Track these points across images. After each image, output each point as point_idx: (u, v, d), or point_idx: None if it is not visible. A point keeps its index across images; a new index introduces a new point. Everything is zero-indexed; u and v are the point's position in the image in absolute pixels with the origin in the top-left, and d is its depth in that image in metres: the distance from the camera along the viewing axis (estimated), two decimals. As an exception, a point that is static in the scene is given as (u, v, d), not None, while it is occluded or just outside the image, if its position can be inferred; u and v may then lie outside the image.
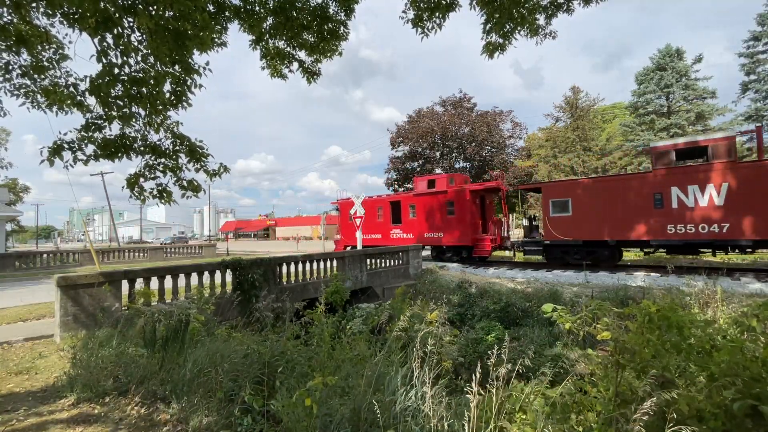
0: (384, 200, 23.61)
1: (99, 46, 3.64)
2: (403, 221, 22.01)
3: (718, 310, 7.08)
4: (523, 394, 2.75)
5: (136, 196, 4.38)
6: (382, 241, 22.87)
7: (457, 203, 19.55)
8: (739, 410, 1.96)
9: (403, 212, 22.16)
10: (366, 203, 23.16)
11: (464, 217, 19.30)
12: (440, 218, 20.11)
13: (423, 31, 5.48)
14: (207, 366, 4.11)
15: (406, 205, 22.05)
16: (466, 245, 19.21)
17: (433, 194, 20.56)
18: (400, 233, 22.26)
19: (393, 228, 22.45)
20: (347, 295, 10.93)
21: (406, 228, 21.99)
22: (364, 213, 21.95)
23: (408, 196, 22.31)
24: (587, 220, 15.48)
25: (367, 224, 22.92)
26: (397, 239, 22.31)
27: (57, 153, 3.83)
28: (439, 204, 20.27)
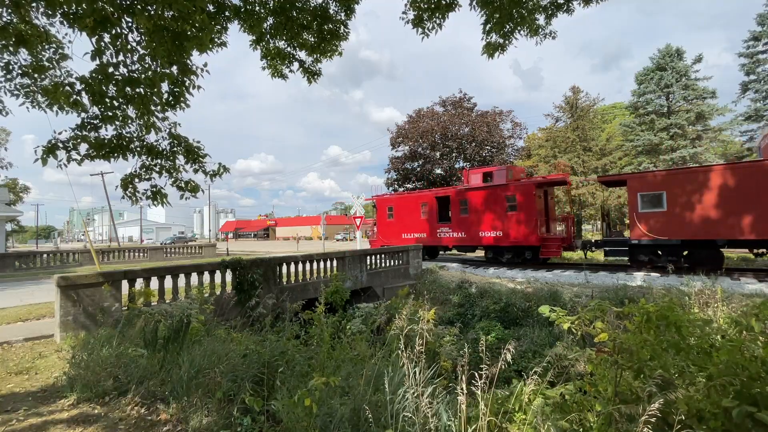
0: (428, 195, 21.09)
1: (96, 46, 3.64)
2: (453, 219, 19.62)
3: (717, 310, 7.08)
4: (523, 394, 2.75)
5: (128, 196, 4.37)
6: (427, 240, 20.53)
7: (520, 198, 17.25)
8: (738, 416, 1.96)
9: (452, 209, 19.76)
10: (406, 199, 21.98)
11: (529, 214, 16.93)
12: (499, 215, 17.78)
13: (423, 32, 5.49)
14: (206, 366, 4.11)
15: (456, 200, 19.50)
16: (532, 245, 16.99)
17: (490, 188, 18.22)
18: (448, 232, 19.78)
19: (440, 226, 20.08)
20: (347, 295, 10.93)
21: (456, 226, 19.45)
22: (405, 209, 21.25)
23: (459, 190, 19.69)
24: (687, 216, 13.17)
25: (408, 222, 21.41)
26: (445, 239, 20.01)
27: (51, 152, 3.82)
28: (497, 199, 17.92)
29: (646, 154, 32.52)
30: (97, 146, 3.99)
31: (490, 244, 18.40)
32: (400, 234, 21.55)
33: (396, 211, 22.03)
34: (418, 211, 21.00)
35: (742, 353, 2.36)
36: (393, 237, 21.95)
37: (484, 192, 18.51)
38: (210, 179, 4.73)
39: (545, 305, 3.18)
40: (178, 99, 4.28)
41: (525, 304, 11.45)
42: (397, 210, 21.99)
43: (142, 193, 4.47)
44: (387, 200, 22.84)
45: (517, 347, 9.44)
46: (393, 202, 22.48)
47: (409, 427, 2.37)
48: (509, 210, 17.54)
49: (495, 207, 18.00)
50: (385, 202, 22.73)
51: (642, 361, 2.42)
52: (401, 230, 21.60)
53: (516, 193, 17.44)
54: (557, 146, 39.34)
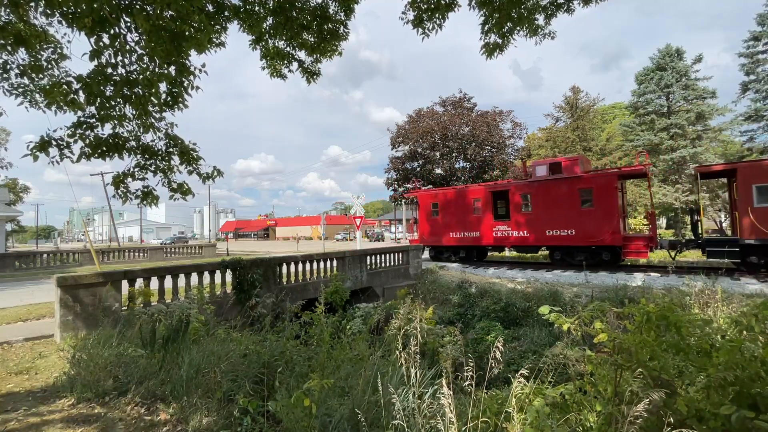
0: (481, 190, 18.78)
1: (95, 46, 3.64)
2: (512, 216, 17.54)
3: (718, 310, 7.07)
4: (523, 394, 2.75)
5: (120, 195, 4.38)
6: (481, 240, 18.55)
7: (597, 191, 15.19)
8: (737, 421, 1.96)
9: (512, 204, 17.61)
10: (453, 193, 19.64)
11: (609, 210, 14.92)
12: (571, 211, 15.71)
13: (423, 32, 5.49)
14: (206, 366, 4.11)
15: (516, 195, 17.36)
16: (612, 245, 15.02)
17: (559, 181, 16.14)
18: (506, 230, 17.65)
19: (496, 224, 17.99)
20: (347, 295, 10.93)
21: (516, 224, 17.33)
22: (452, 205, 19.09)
23: (520, 183, 17.71)
24: None
25: (456, 220, 19.16)
26: (502, 238, 17.85)
27: (43, 148, 3.80)
28: (569, 193, 15.83)
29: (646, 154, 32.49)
30: (93, 145, 3.98)
31: (559, 245, 16.30)
32: (446, 233, 19.53)
33: (442, 207, 19.79)
34: (469, 208, 18.76)
35: (741, 353, 2.36)
36: (438, 236, 19.90)
37: (553, 185, 16.26)
38: (203, 182, 4.73)
39: (545, 305, 3.18)
40: (176, 99, 4.28)
41: (525, 304, 11.45)
42: (443, 206, 19.73)
43: (133, 192, 4.47)
44: (431, 195, 20.59)
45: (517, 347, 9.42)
46: (438, 197, 20.21)
47: (408, 428, 2.37)
48: (584, 205, 15.46)
49: (566, 202, 15.81)
50: (429, 198, 20.48)
51: (641, 361, 2.42)
52: (448, 229, 19.45)
53: (593, 186, 15.29)
54: (557, 146, 39.34)
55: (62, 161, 3.95)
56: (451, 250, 20.03)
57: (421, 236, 20.76)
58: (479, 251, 19.90)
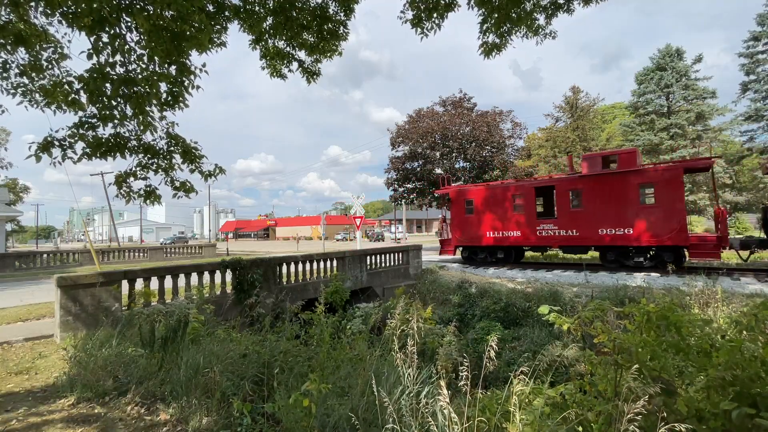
0: (523, 185, 17.43)
1: (94, 45, 3.64)
2: (559, 213, 16.21)
3: (718, 310, 7.08)
4: (522, 394, 2.75)
5: (122, 195, 4.38)
6: (523, 240, 17.21)
7: (660, 186, 13.85)
8: (738, 418, 1.96)
9: (558, 201, 16.34)
10: (492, 190, 18.28)
11: (673, 207, 13.60)
12: (628, 208, 14.43)
13: (422, 31, 5.49)
14: (206, 366, 4.11)
15: (564, 191, 16.02)
16: (677, 245, 13.70)
17: (615, 175, 14.81)
18: (553, 230, 16.22)
19: (540, 223, 16.64)
20: (347, 295, 10.94)
21: (564, 222, 15.91)
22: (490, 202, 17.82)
23: (568, 178, 16.21)
24: None
25: (495, 218, 17.82)
26: (546, 237, 16.44)
27: (46, 149, 3.82)
28: (626, 188, 14.53)
29: (646, 154, 32.51)
30: (94, 145, 3.98)
31: (613, 245, 14.97)
32: (483, 232, 18.18)
33: (478, 204, 18.40)
34: (509, 205, 17.38)
35: (741, 353, 2.36)
36: (474, 236, 18.50)
37: (607, 180, 14.95)
38: (205, 180, 4.74)
39: (545, 305, 3.18)
40: (176, 99, 4.28)
41: (525, 304, 11.45)
42: (480, 203, 18.34)
43: (136, 192, 4.47)
44: (466, 191, 19.13)
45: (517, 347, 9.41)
46: (474, 193, 18.76)
47: (406, 428, 2.37)
48: (644, 201, 14.24)
49: (623, 198, 14.57)
50: (464, 194, 19.01)
51: (642, 361, 2.42)
52: (485, 228, 18.08)
53: (655, 181, 13.96)
54: (557, 146, 39.38)
55: (64, 162, 3.96)
56: (487, 251, 18.75)
57: (454, 236, 19.30)
58: (519, 252, 18.64)
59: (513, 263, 18.28)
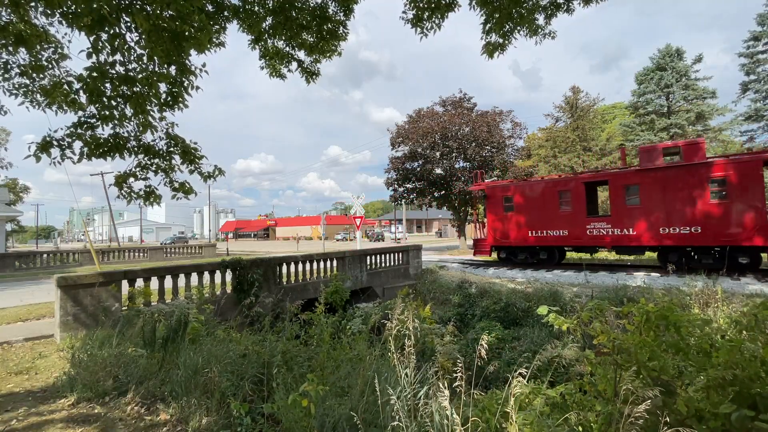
0: (571, 180, 16.11)
1: (93, 45, 3.64)
2: (613, 211, 14.95)
3: (718, 310, 7.08)
4: (522, 393, 2.75)
5: (123, 195, 4.39)
6: (571, 240, 15.92)
7: (734, 180, 12.61)
8: (737, 420, 1.96)
9: (612, 198, 15.03)
10: (534, 186, 17.20)
11: (752, 202, 12.35)
12: (697, 205, 13.23)
13: (422, 31, 5.49)
14: (205, 366, 4.11)
15: (619, 186, 14.81)
16: (759, 245, 12.37)
17: (680, 168, 13.58)
18: (605, 228, 14.96)
19: (591, 221, 15.37)
20: (347, 295, 10.93)
21: (618, 221, 14.68)
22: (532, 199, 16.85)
23: (625, 172, 14.94)
24: None
25: (538, 216, 16.68)
26: (598, 237, 15.11)
27: (45, 149, 3.82)
28: (694, 183, 13.29)
29: (646, 153, 32.54)
30: (94, 145, 3.99)
31: (678, 244, 13.68)
32: (525, 231, 17.07)
33: (518, 201, 17.32)
34: (554, 202, 16.18)
35: (741, 353, 2.36)
36: (514, 235, 17.39)
37: (671, 173, 13.70)
38: (205, 181, 4.74)
39: (544, 306, 3.18)
40: (176, 99, 4.28)
41: (525, 304, 11.45)
42: (521, 200, 17.28)
43: (136, 192, 4.48)
44: (504, 188, 17.99)
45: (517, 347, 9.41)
46: (513, 190, 17.63)
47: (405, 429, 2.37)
48: (715, 197, 13.00)
49: (690, 193, 13.36)
50: (501, 191, 17.87)
51: (641, 361, 2.42)
52: (527, 227, 16.99)
53: (729, 174, 12.70)
54: (557, 146, 39.34)
55: (63, 161, 3.96)
56: (527, 252, 17.63)
57: (489, 235, 18.11)
58: (562, 253, 17.42)
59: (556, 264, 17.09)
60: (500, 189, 18.06)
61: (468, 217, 29.99)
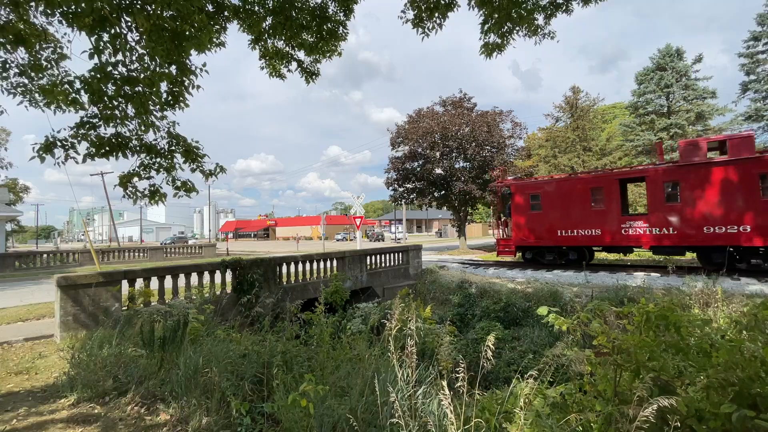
0: (603, 177, 15.37)
1: (95, 45, 3.64)
2: (651, 209, 14.16)
3: (718, 310, 7.08)
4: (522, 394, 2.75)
5: (129, 195, 4.39)
6: (604, 240, 15.12)
7: None
8: (738, 421, 1.96)
9: (650, 195, 14.28)
10: (564, 183, 16.37)
11: None
12: (745, 202, 12.52)
13: (423, 31, 5.49)
14: (205, 366, 4.11)
15: (658, 183, 13.99)
16: None
17: (724, 164, 12.92)
18: (643, 227, 14.18)
19: (627, 220, 14.60)
20: (347, 295, 10.94)
21: (657, 219, 13.89)
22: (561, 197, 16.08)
23: (664, 168, 14.04)
24: None
25: (568, 215, 15.85)
26: (634, 236, 14.38)
27: (48, 150, 3.83)
28: (742, 179, 12.57)
29: (646, 154, 32.52)
30: (96, 145, 3.99)
31: (724, 244, 13.01)
32: (553, 230, 16.27)
33: (547, 199, 16.52)
34: (586, 200, 15.40)
35: (741, 353, 2.36)
36: (541, 235, 16.65)
37: (716, 169, 13.00)
38: (207, 179, 4.75)
39: (544, 306, 3.18)
40: (177, 99, 4.29)
41: (525, 304, 11.45)
42: (549, 198, 16.46)
43: (141, 192, 4.49)
44: (531, 186, 17.25)
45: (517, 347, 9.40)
46: (541, 187, 16.86)
47: (404, 429, 2.37)
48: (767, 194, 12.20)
49: (738, 190, 12.60)
50: (527, 188, 17.13)
51: (641, 361, 2.42)
52: (556, 225, 16.17)
53: None
54: (557, 146, 39.32)
55: (66, 162, 3.96)
56: (556, 252, 16.86)
57: (514, 235, 17.25)
58: (592, 253, 16.73)
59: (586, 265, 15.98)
60: (527, 186, 17.25)
61: (468, 217, 29.98)
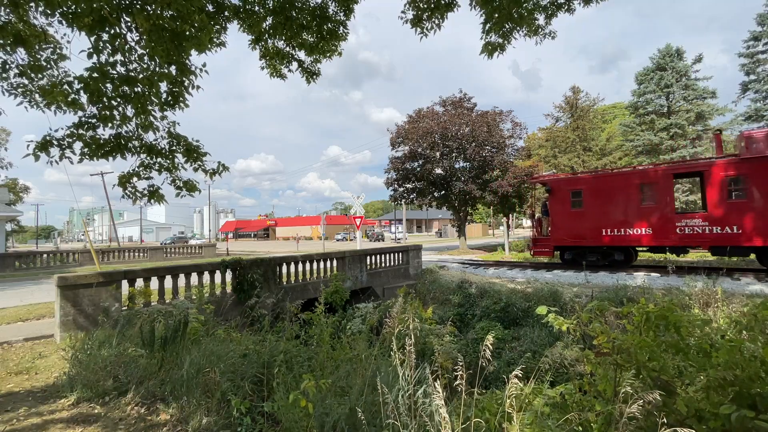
0: (656, 171, 14.17)
1: (94, 45, 3.64)
2: (710, 206, 13.07)
3: (718, 310, 7.08)
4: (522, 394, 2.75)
5: (128, 195, 4.39)
6: (655, 239, 13.98)
7: None
8: (737, 421, 1.96)
9: (709, 190, 13.18)
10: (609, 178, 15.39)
11: None
12: None
13: (422, 31, 5.49)
14: (206, 366, 4.11)
15: (720, 178, 12.85)
16: None
17: None
18: (701, 226, 13.07)
19: (682, 218, 13.53)
20: (347, 295, 10.94)
21: (718, 217, 12.82)
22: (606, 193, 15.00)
23: (727, 161, 12.90)
24: None
25: (614, 213, 14.80)
26: (691, 236, 13.25)
27: (44, 148, 3.82)
28: None
29: (646, 154, 32.52)
30: (94, 146, 3.99)
31: None
32: (597, 229, 15.13)
33: (590, 196, 15.38)
34: (635, 197, 14.33)
35: (741, 353, 2.36)
36: (582, 233, 15.50)
37: None
38: (210, 178, 4.75)
39: (543, 306, 3.18)
40: (177, 99, 4.28)
41: (525, 304, 11.45)
42: (592, 195, 15.34)
43: (140, 191, 4.48)
44: (571, 181, 16.10)
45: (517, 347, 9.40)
46: (584, 182, 15.75)
47: (404, 428, 2.37)
48: None
49: None
50: (568, 184, 15.95)
51: (640, 361, 2.42)
52: (600, 224, 15.06)
53: None
54: (557, 146, 39.35)
55: (62, 161, 3.96)
56: (599, 253, 15.75)
57: (553, 235, 16.10)
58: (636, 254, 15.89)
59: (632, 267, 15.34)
60: (568, 182, 16.14)
61: (468, 218, 29.97)
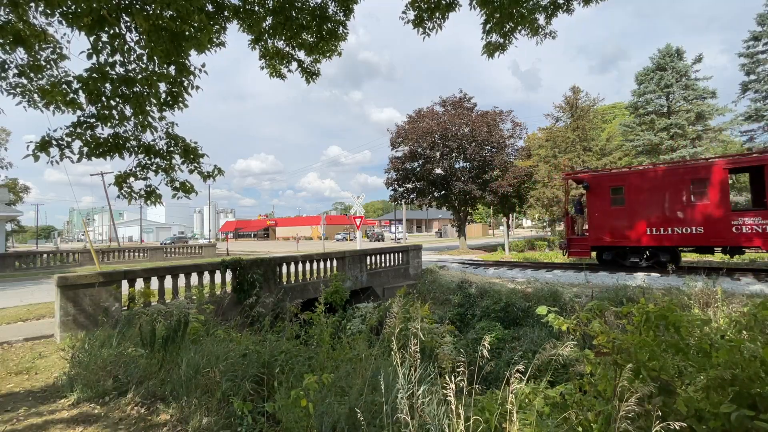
0: (709, 165, 13.18)
1: (93, 45, 3.64)
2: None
3: (718, 310, 7.08)
4: (522, 393, 2.75)
5: (124, 195, 4.39)
6: (708, 239, 13.04)
7: None
8: (737, 420, 1.96)
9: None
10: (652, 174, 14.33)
11: None
12: None
13: (424, 31, 5.49)
14: (206, 366, 4.11)
15: None
16: None
17: None
18: (760, 225, 12.06)
19: (737, 216, 12.52)
20: (347, 295, 10.94)
21: None
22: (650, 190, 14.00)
23: None
24: None
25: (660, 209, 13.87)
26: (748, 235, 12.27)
27: (43, 148, 3.83)
28: None
29: (646, 154, 32.51)
30: (93, 145, 3.99)
31: None
32: (641, 229, 14.19)
33: (632, 193, 14.43)
34: (684, 193, 13.37)
35: (741, 353, 2.36)
36: (624, 232, 14.57)
37: None
38: (204, 180, 4.75)
39: (543, 306, 3.18)
40: (176, 99, 4.28)
41: (525, 304, 11.45)
42: (635, 192, 14.36)
43: (137, 192, 4.48)
44: (612, 177, 15.20)
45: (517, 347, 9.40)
46: (626, 179, 14.82)
47: (404, 428, 2.37)
48: None
49: None
50: (609, 180, 15.04)
51: (640, 361, 2.42)
52: (643, 223, 14.11)
53: None
54: (557, 146, 39.29)
55: (62, 161, 3.96)
56: (642, 253, 14.77)
57: (591, 234, 15.20)
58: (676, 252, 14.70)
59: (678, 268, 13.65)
60: (608, 179, 15.20)
61: (468, 218, 29.98)
